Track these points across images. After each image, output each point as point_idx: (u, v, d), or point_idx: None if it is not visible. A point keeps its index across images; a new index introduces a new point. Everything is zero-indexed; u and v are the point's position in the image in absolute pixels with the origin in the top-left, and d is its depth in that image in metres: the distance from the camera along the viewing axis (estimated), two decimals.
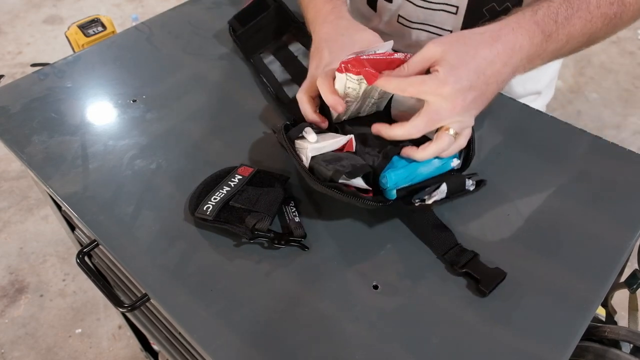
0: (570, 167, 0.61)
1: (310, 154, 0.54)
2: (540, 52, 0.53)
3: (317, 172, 0.53)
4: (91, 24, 1.01)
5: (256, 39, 0.78)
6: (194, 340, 0.47)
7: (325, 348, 0.46)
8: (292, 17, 0.79)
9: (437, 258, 0.53)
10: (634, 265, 0.62)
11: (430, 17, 0.70)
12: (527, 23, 0.52)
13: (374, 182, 0.54)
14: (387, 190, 0.52)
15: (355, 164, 0.52)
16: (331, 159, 0.53)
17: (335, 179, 0.50)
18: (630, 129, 2.10)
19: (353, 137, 0.56)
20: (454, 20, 0.69)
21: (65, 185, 0.60)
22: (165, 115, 0.69)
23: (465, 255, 0.51)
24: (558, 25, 0.53)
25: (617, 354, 0.54)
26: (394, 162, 0.53)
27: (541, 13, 0.53)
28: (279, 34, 0.78)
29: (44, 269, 1.62)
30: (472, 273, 0.50)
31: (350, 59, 0.51)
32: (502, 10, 0.64)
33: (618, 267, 0.52)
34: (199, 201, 0.55)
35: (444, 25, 0.71)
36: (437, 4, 0.68)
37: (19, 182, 1.88)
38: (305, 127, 0.57)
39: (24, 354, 1.42)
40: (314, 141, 0.55)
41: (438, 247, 0.53)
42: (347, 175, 0.51)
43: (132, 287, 0.64)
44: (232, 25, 0.80)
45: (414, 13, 0.71)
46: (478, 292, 0.49)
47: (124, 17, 2.67)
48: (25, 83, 0.74)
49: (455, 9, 0.67)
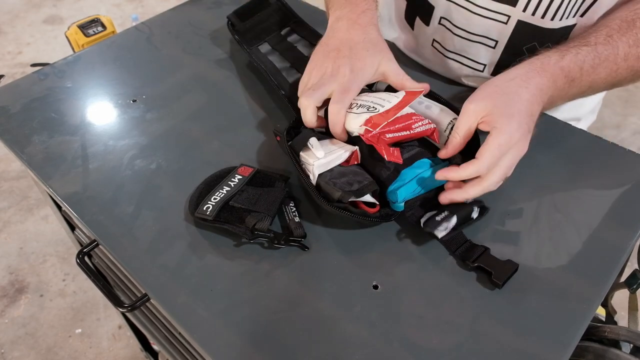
0: (570, 167, 0.61)
1: (317, 172, 0.54)
2: (562, 94, 0.55)
3: (324, 191, 0.53)
4: (91, 24, 1.01)
5: (255, 31, 0.78)
6: (194, 340, 0.47)
7: (325, 348, 0.46)
8: (292, 14, 0.79)
9: (449, 255, 0.53)
10: (634, 265, 0.62)
11: (466, 47, 0.69)
12: (552, 67, 0.54)
13: (381, 194, 0.54)
14: (396, 203, 0.53)
15: (362, 181, 0.53)
16: (338, 175, 0.53)
17: (344, 200, 0.51)
18: (630, 129, 2.10)
19: (358, 149, 0.56)
20: (491, 54, 0.67)
21: (65, 185, 0.60)
22: (165, 115, 0.69)
23: (476, 251, 0.52)
24: (583, 72, 0.55)
25: (617, 354, 0.54)
26: (402, 175, 0.53)
27: (567, 59, 0.55)
28: (278, 28, 0.78)
29: (44, 269, 1.62)
30: (484, 267, 0.51)
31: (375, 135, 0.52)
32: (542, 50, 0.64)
33: (618, 267, 0.52)
34: (199, 201, 0.55)
35: (479, 58, 0.69)
36: (477, 36, 0.66)
37: (19, 182, 1.88)
38: (310, 137, 0.56)
39: (24, 354, 1.42)
40: (320, 157, 0.55)
41: (450, 244, 0.53)
42: (355, 195, 0.51)
43: (132, 287, 0.64)
44: (231, 20, 0.80)
45: (450, 41, 0.69)
46: (492, 284, 0.50)
47: (124, 17, 2.67)
48: (25, 83, 0.74)
49: (495, 43, 0.66)
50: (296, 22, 0.78)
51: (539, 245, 0.54)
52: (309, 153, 0.56)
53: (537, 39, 0.63)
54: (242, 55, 0.79)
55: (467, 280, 0.51)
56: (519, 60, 0.57)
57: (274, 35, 0.77)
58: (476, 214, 0.54)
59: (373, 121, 0.53)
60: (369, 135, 0.53)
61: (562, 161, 0.62)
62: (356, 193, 0.51)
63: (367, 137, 0.53)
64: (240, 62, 0.78)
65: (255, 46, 0.76)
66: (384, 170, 0.54)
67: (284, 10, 0.79)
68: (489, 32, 0.65)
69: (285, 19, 0.79)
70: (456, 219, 0.52)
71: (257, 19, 0.78)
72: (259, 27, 0.78)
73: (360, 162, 0.56)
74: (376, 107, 0.55)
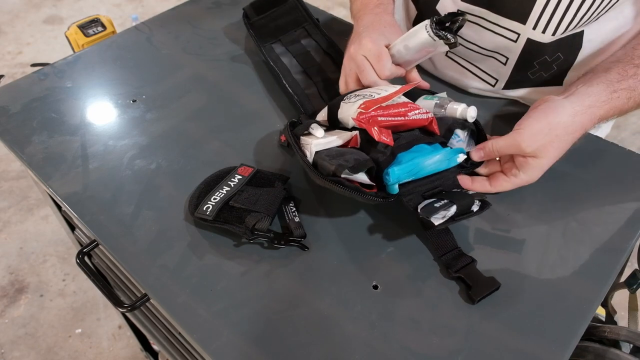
0: (570, 167, 0.61)
1: (315, 149, 0.54)
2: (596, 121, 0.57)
3: (321, 167, 0.52)
4: (91, 24, 1.00)
5: (270, 28, 0.78)
6: (194, 340, 0.47)
7: (325, 348, 0.46)
8: (308, 14, 0.79)
9: (434, 260, 0.53)
10: (634, 265, 0.62)
11: (480, 60, 0.70)
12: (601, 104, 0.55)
13: (378, 177, 0.53)
14: (390, 185, 0.52)
15: (358, 158, 0.52)
16: (335, 154, 0.53)
17: (338, 173, 0.50)
18: (630, 129, 2.10)
19: (358, 133, 0.56)
20: (503, 69, 0.68)
21: (65, 185, 0.60)
22: (165, 115, 0.69)
23: (461, 260, 0.51)
24: (619, 105, 0.56)
25: (617, 354, 0.54)
26: (399, 158, 0.53)
27: (616, 95, 0.55)
28: (293, 27, 0.78)
29: (44, 269, 1.62)
30: (465, 279, 0.50)
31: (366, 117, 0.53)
32: (552, 61, 0.64)
33: (618, 267, 0.52)
34: (199, 201, 0.55)
35: (491, 72, 0.70)
36: (488, 51, 0.67)
37: (19, 182, 1.88)
38: (312, 123, 0.57)
39: (24, 354, 1.42)
40: (320, 136, 0.55)
41: (437, 248, 0.53)
42: (350, 170, 0.50)
43: (132, 287, 0.64)
44: (247, 12, 0.80)
45: (463, 51, 0.70)
46: (468, 298, 0.49)
47: (124, 17, 2.67)
48: (25, 83, 0.74)
49: (505, 59, 0.66)
50: (311, 24, 0.78)
51: (538, 245, 0.54)
52: (309, 136, 0.56)
53: (547, 53, 0.63)
54: (242, 55, 0.79)
55: (460, 285, 0.51)
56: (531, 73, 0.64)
57: (288, 34, 0.77)
58: (477, 207, 0.52)
59: (367, 104, 0.53)
60: (361, 117, 0.53)
61: (562, 161, 0.62)
62: (351, 169, 0.50)
63: (360, 118, 0.53)
64: (240, 62, 0.78)
65: (269, 44, 0.76)
66: (380, 155, 0.53)
67: (299, 9, 0.79)
68: (499, 49, 0.66)
69: (300, 19, 0.79)
70: (455, 208, 0.50)
71: (273, 15, 0.79)
72: (274, 24, 0.78)
73: (359, 148, 0.56)
74: (373, 94, 0.56)
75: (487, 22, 0.64)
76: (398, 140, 0.54)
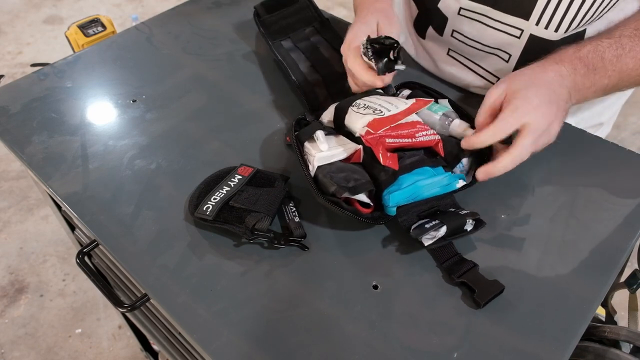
0: (570, 167, 0.61)
1: (317, 164, 0.54)
2: (587, 83, 0.57)
3: (321, 184, 0.53)
4: (91, 24, 1.00)
5: (280, 25, 0.78)
6: (194, 340, 0.47)
7: (325, 348, 0.46)
8: (318, 13, 0.80)
9: (436, 266, 0.52)
10: (634, 265, 0.62)
11: (482, 58, 0.70)
12: (569, 57, 0.56)
13: (377, 196, 0.54)
14: (388, 207, 0.53)
15: (359, 179, 0.52)
16: (336, 170, 0.53)
17: (338, 195, 0.51)
18: (630, 129, 2.10)
19: (362, 147, 0.56)
20: (505, 67, 0.68)
21: (65, 185, 0.60)
22: (165, 115, 0.69)
23: (464, 265, 0.51)
24: (605, 62, 0.56)
25: (617, 354, 0.54)
26: (400, 180, 0.53)
27: (585, 50, 0.57)
28: (303, 26, 0.79)
29: (44, 269, 1.62)
30: (469, 283, 0.50)
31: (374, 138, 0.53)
32: None
33: (618, 267, 0.52)
34: (199, 201, 0.55)
35: (493, 69, 0.70)
36: (491, 48, 0.67)
37: (19, 182, 1.88)
38: (317, 129, 0.57)
39: (24, 354, 1.42)
40: (324, 149, 0.55)
41: (437, 257, 0.52)
42: (350, 192, 0.51)
43: (132, 287, 0.64)
44: (258, 11, 0.81)
45: (465, 49, 0.70)
46: (474, 302, 0.49)
47: (124, 17, 2.67)
48: (25, 83, 0.74)
49: (508, 56, 0.66)
50: (321, 22, 0.79)
51: (538, 245, 0.54)
52: (313, 144, 0.56)
53: (550, 51, 0.63)
54: (242, 55, 0.79)
55: (463, 290, 0.51)
56: None
57: (297, 32, 0.78)
58: (470, 226, 0.52)
59: (375, 123, 0.53)
60: (369, 137, 0.53)
61: (562, 161, 0.62)
62: (351, 190, 0.51)
63: (367, 138, 0.53)
64: (240, 62, 0.78)
65: (278, 40, 0.77)
66: (382, 173, 0.53)
67: (310, 8, 0.80)
68: (502, 45, 0.66)
69: (311, 18, 0.79)
70: (445, 229, 0.50)
71: (284, 14, 0.79)
72: (284, 22, 0.79)
73: (362, 162, 0.56)
74: (382, 110, 0.55)
75: (489, 20, 0.64)
76: (402, 160, 0.54)
